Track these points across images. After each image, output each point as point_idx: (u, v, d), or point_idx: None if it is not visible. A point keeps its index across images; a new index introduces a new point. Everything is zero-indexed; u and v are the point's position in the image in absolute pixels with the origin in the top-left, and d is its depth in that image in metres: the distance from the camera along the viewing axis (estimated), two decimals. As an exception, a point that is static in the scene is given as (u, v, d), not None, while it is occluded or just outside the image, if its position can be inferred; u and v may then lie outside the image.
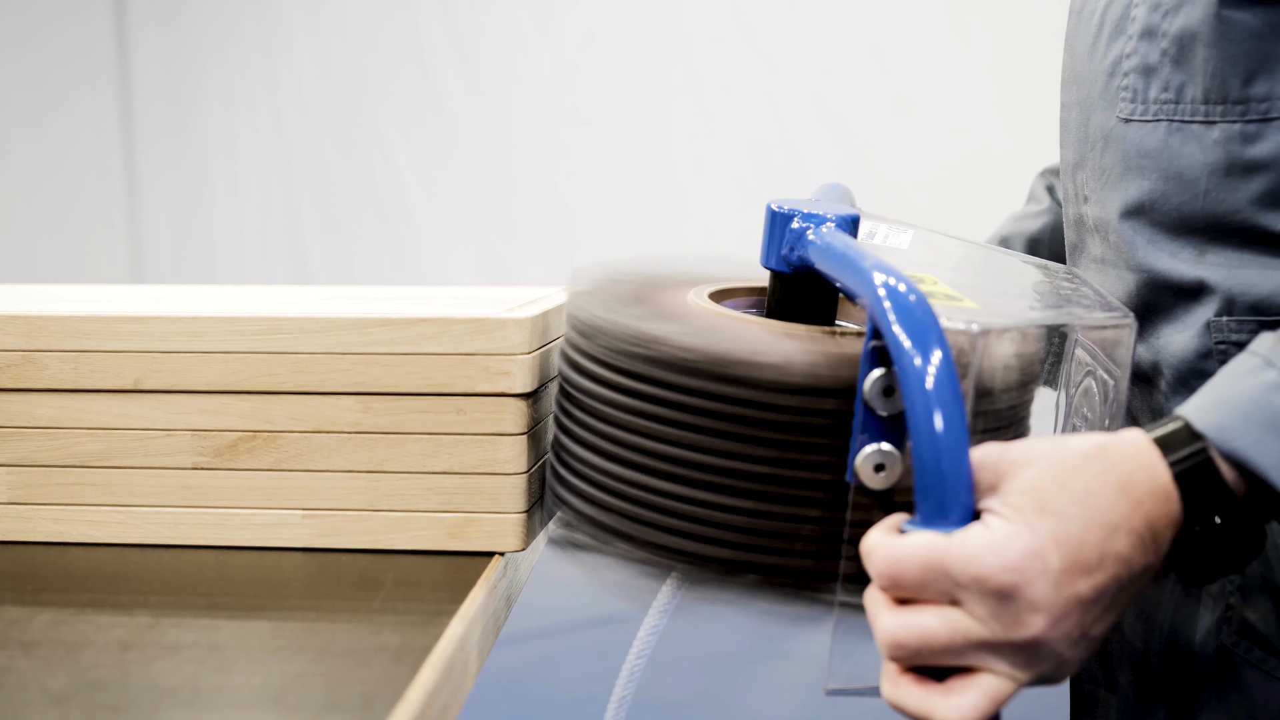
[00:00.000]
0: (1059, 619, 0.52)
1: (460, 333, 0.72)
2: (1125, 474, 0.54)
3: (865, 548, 0.55)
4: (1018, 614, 0.51)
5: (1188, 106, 0.70)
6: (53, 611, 0.67)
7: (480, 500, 0.73)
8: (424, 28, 4.14)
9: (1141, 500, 0.53)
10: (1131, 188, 0.73)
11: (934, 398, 0.53)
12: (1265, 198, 0.68)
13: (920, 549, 0.52)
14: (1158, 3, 0.71)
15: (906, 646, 0.53)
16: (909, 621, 0.53)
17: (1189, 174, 0.70)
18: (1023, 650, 0.52)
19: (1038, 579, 0.51)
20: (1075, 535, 0.52)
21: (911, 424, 0.54)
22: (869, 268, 0.59)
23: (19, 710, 0.54)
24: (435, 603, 0.66)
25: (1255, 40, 0.66)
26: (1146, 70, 0.72)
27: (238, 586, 0.71)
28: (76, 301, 0.84)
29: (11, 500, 0.76)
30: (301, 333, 0.73)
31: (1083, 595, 0.52)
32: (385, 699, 0.54)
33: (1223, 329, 0.69)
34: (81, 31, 4.59)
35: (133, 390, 0.75)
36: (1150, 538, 0.53)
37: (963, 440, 0.54)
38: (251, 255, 4.47)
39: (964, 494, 0.53)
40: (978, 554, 0.51)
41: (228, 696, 0.56)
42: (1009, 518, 0.52)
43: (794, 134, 3.66)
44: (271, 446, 0.74)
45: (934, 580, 0.52)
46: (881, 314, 0.56)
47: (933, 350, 0.54)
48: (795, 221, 0.70)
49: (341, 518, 0.74)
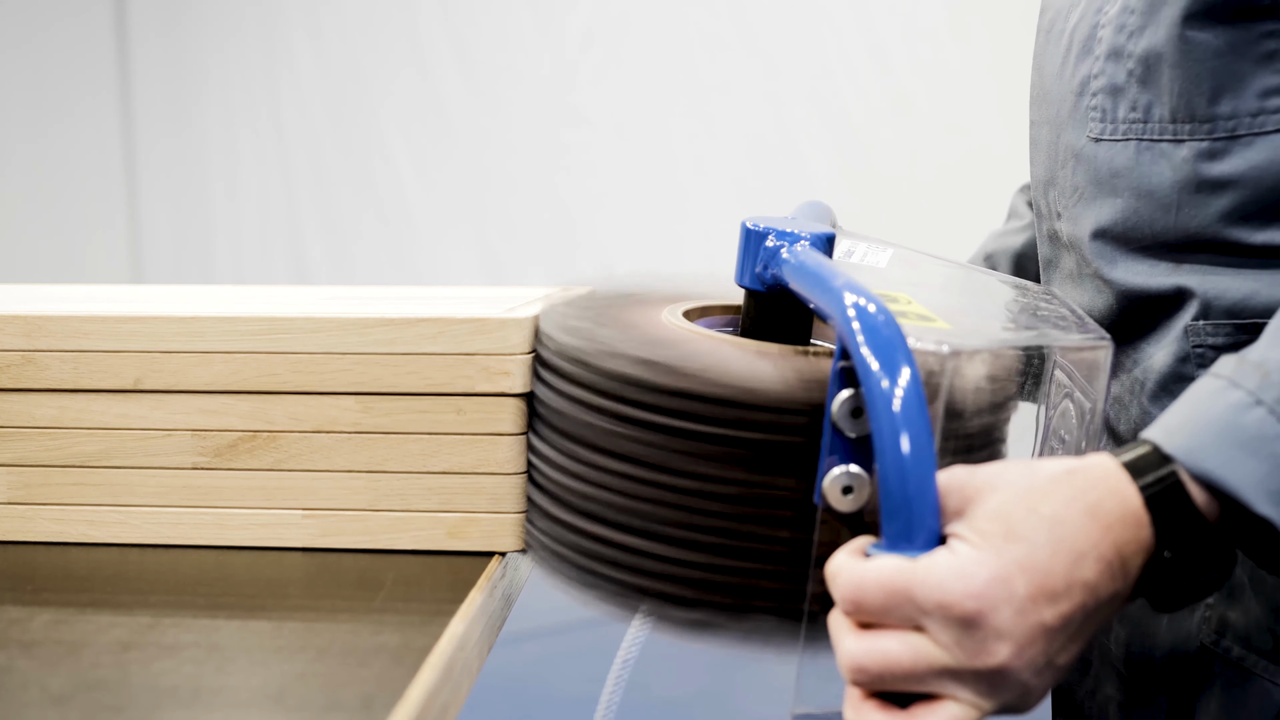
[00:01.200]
0: (1024, 647, 0.51)
1: (460, 333, 0.72)
2: (1094, 499, 0.53)
3: (830, 570, 0.54)
4: (982, 642, 0.50)
5: (1156, 125, 0.71)
6: (53, 611, 0.67)
7: (480, 500, 0.73)
8: (424, 28, 4.13)
9: (1111, 526, 0.52)
10: (1104, 206, 0.73)
11: (901, 420, 0.53)
12: (1234, 213, 0.68)
13: (884, 574, 0.52)
14: (1122, 24, 0.72)
15: (869, 671, 0.52)
16: (872, 646, 0.52)
17: (1159, 191, 0.70)
18: (986, 678, 0.51)
19: (1003, 606, 0.50)
20: (1042, 562, 0.51)
21: (878, 446, 0.53)
22: (839, 286, 0.58)
23: (19, 710, 0.54)
24: (435, 603, 0.66)
25: (1218, 59, 0.67)
26: (1114, 90, 0.72)
27: (238, 586, 0.71)
28: (76, 301, 0.84)
29: (11, 500, 0.76)
30: (301, 333, 0.73)
31: (1048, 623, 0.51)
32: (385, 699, 0.54)
33: (1200, 333, 0.70)
34: (81, 31, 4.59)
35: (133, 390, 0.75)
36: (1119, 565, 0.52)
37: (929, 463, 0.53)
38: (252, 255, 4.47)
39: (929, 518, 0.53)
40: (943, 580, 0.50)
41: (228, 696, 0.56)
42: (975, 543, 0.51)
43: (794, 134, 3.66)
44: (271, 446, 0.74)
45: (898, 606, 0.51)
46: (850, 334, 0.55)
47: (900, 371, 0.53)
48: (770, 239, 0.70)
49: (341, 518, 0.74)
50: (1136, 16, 0.71)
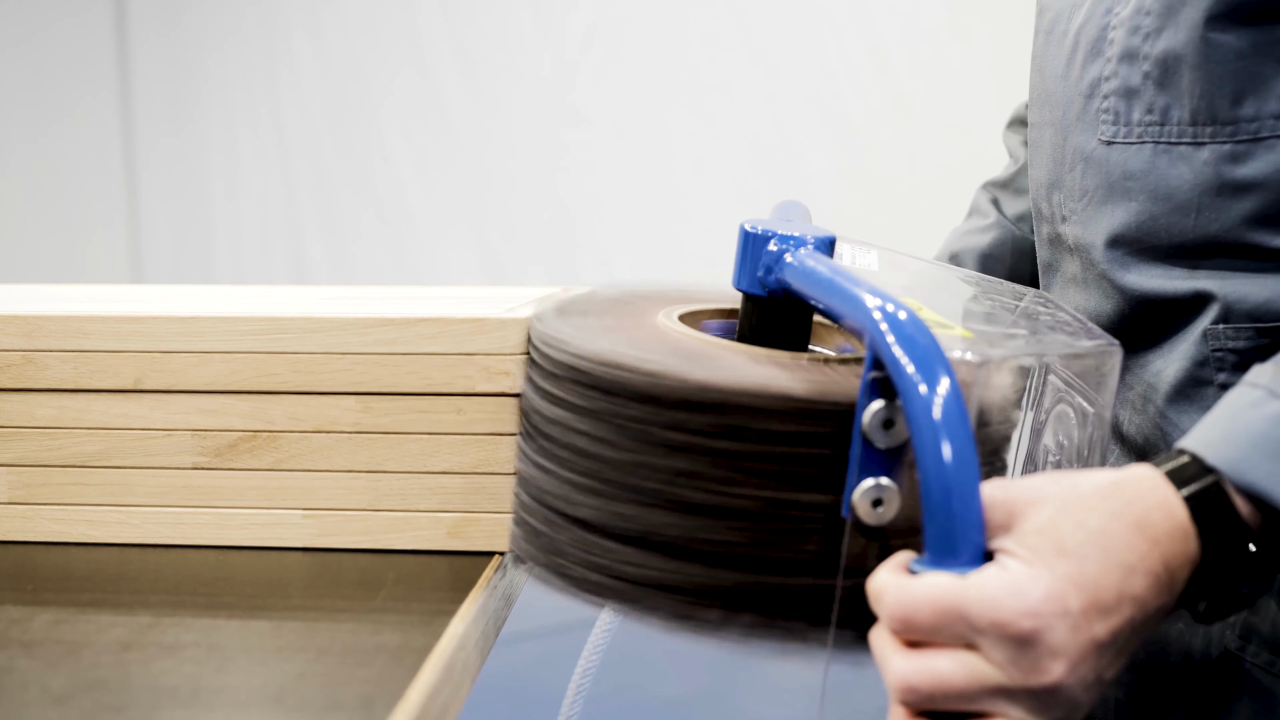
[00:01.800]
0: (1077, 664, 0.50)
1: (460, 333, 0.72)
2: (1141, 512, 0.52)
3: (875, 588, 0.53)
4: (1037, 660, 0.49)
5: (1174, 128, 0.70)
6: (53, 611, 0.67)
7: (480, 500, 0.73)
8: (424, 28, 4.13)
9: (1159, 540, 0.52)
10: (1118, 210, 0.73)
11: (945, 432, 0.51)
12: (1256, 216, 0.68)
13: (935, 591, 0.50)
14: (1137, 25, 0.71)
15: (920, 691, 0.51)
16: (923, 665, 0.51)
17: (1179, 195, 0.70)
18: (1040, 696, 0.50)
19: (1058, 624, 0.49)
20: (1093, 577, 0.50)
21: (921, 459, 0.52)
22: (866, 294, 0.57)
23: (19, 710, 0.54)
24: (435, 603, 0.66)
25: (1241, 61, 0.67)
26: (1128, 93, 0.72)
27: (238, 586, 0.71)
28: (76, 301, 0.84)
29: (11, 500, 0.76)
30: (301, 333, 0.73)
31: (1100, 639, 0.50)
32: (385, 699, 0.54)
33: (1220, 336, 0.70)
34: (81, 31, 4.58)
35: (133, 390, 0.75)
36: (1166, 578, 0.52)
37: (974, 477, 0.52)
38: (252, 255, 4.46)
39: (975, 533, 0.52)
40: (996, 597, 0.49)
41: (228, 696, 0.56)
42: (1026, 559, 0.50)
43: (794, 134, 3.66)
44: (271, 446, 0.74)
45: (949, 624, 0.50)
46: (884, 345, 0.54)
47: (940, 381, 0.52)
48: (772, 243, 0.67)
49: (341, 518, 0.74)
50: (1153, 18, 0.70)
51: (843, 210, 3.39)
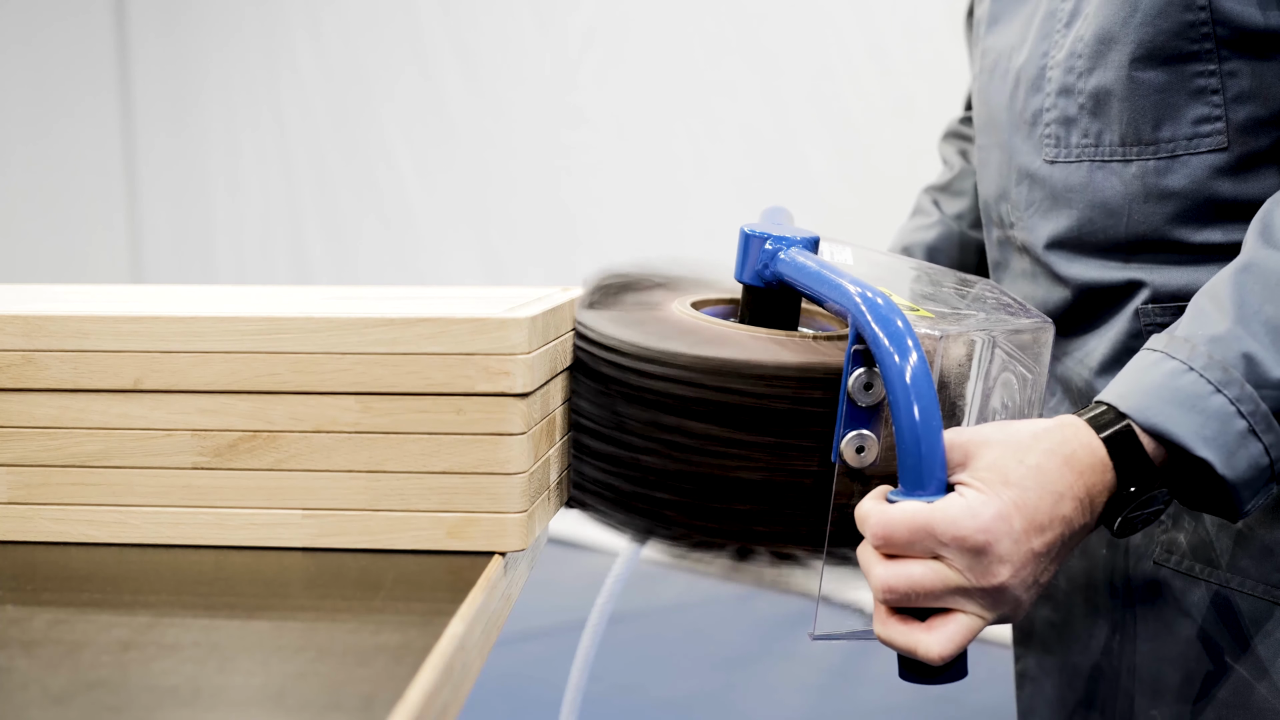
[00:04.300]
0: (1019, 569, 0.65)
1: (460, 333, 0.72)
2: (1069, 451, 0.68)
3: (860, 513, 0.67)
4: (989, 565, 0.64)
5: (1106, 149, 0.84)
6: (53, 611, 0.67)
7: (480, 500, 0.73)
8: (425, 29, 4.14)
9: (1083, 472, 0.67)
10: (1060, 217, 0.87)
11: (913, 391, 0.66)
12: (1179, 216, 0.83)
13: (909, 514, 0.65)
14: (1071, 66, 0.85)
15: (897, 591, 0.65)
16: (900, 571, 0.65)
17: (1112, 203, 0.85)
18: (990, 594, 0.65)
19: (1004, 538, 0.64)
20: (1031, 501, 0.65)
21: (896, 414, 0.66)
22: (849, 284, 0.71)
23: (19, 710, 0.54)
24: (435, 603, 0.66)
25: (1160, 94, 0.82)
26: (1066, 121, 0.86)
27: (238, 586, 0.71)
28: (76, 301, 0.84)
29: (11, 500, 0.76)
30: (301, 333, 0.73)
31: (1037, 550, 0.65)
32: (385, 699, 0.54)
33: (1150, 314, 0.84)
34: (81, 31, 4.59)
35: (133, 390, 0.75)
36: (1088, 502, 0.68)
37: (938, 426, 0.66)
38: (252, 255, 4.47)
39: (939, 470, 0.66)
40: (957, 518, 0.64)
41: (228, 696, 0.56)
42: (979, 489, 0.65)
43: (794, 134, 3.66)
44: (271, 446, 0.74)
45: (920, 539, 0.65)
46: (865, 324, 0.69)
47: (910, 353, 0.67)
48: (768, 243, 0.81)
49: (341, 518, 0.74)
50: (1084, 60, 0.84)
51: (843, 210, 3.39)
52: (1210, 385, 0.69)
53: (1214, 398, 0.69)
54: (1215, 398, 0.69)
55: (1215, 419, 0.69)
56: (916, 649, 0.65)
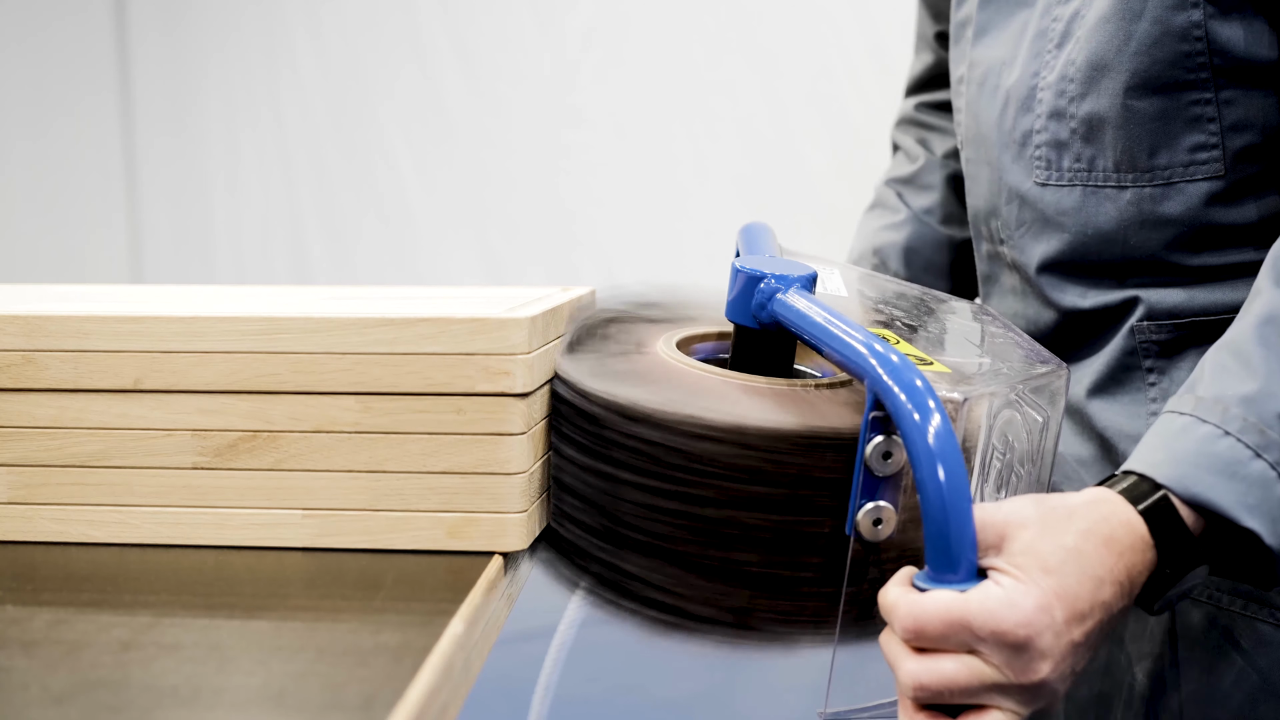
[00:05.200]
0: (1059, 663, 0.60)
1: (460, 333, 0.72)
2: (1108, 531, 0.62)
3: (887, 602, 0.62)
4: (1029, 662, 0.59)
5: (1100, 174, 0.83)
6: (53, 611, 0.67)
7: (480, 500, 0.73)
8: (425, 28, 4.13)
9: (1123, 553, 0.62)
10: (1051, 239, 0.86)
11: (943, 466, 0.60)
12: (1175, 242, 0.82)
13: (943, 606, 0.59)
14: (1062, 90, 0.83)
15: (929, 688, 0.60)
16: (932, 668, 0.60)
17: (1106, 228, 0.83)
18: (1029, 690, 0.59)
19: (1045, 631, 0.59)
20: (1072, 589, 0.60)
21: (923, 491, 0.60)
22: (862, 345, 0.65)
23: (19, 710, 0.54)
24: (435, 603, 0.66)
25: (1155, 122, 0.80)
26: (1058, 144, 0.84)
27: (238, 586, 0.71)
28: (76, 301, 0.84)
29: (11, 500, 0.76)
30: (301, 333, 0.73)
31: (1077, 641, 0.60)
32: (385, 699, 0.54)
33: (1145, 331, 0.83)
34: (81, 31, 4.58)
35: (133, 390, 0.75)
36: (1129, 584, 0.63)
37: (968, 504, 0.60)
38: (252, 255, 4.46)
39: (970, 552, 0.60)
40: (995, 610, 0.59)
41: (228, 696, 0.56)
42: (1018, 577, 0.60)
43: (794, 134, 3.66)
44: (271, 446, 0.74)
45: (955, 634, 0.59)
46: (887, 390, 0.62)
47: (934, 419, 0.61)
48: (763, 283, 0.75)
49: (341, 518, 0.74)
50: (1076, 85, 0.82)
51: (842, 210, 3.38)
52: (1249, 450, 0.65)
53: (1254, 463, 0.65)
54: (1255, 463, 0.65)
55: (1257, 486, 0.65)
56: None
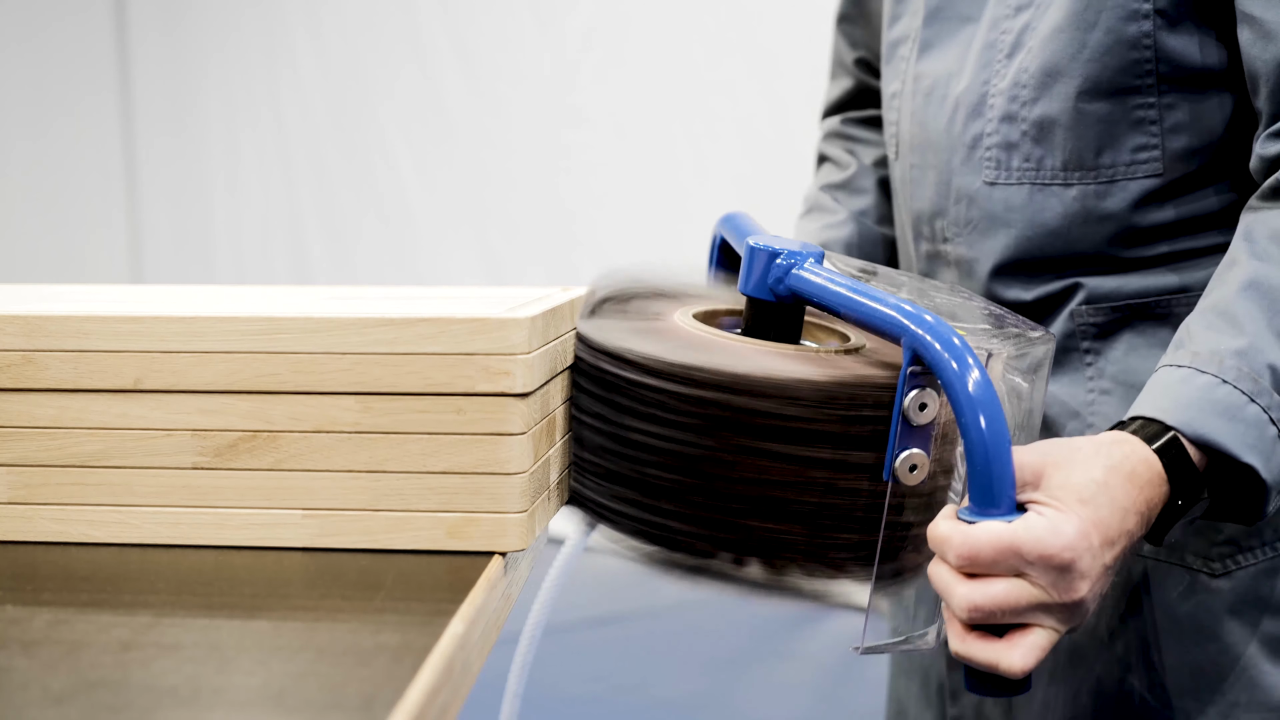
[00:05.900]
0: (1095, 583, 0.67)
1: (460, 333, 0.72)
2: (1130, 467, 0.70)
3: (939, 534, 0.68)
4: (1071, 581, 0.66)
5: (1048, 173, 0.89)
6: (53, 611, 0.67)
7: (480, 500, 0.73)
8: (425, 28, 4.13)
9: (1143, 486, 0.70)
10: (1000, 236, 0.92)
11: (983, 411, 0.66)
12: (1114, 237, 0.89)
13: (994, 534, 0.66)
14: (1015, 94, 0.90)
15: (983, 609, 0.66)
16: (985, 590, 0.66)
17: (1052, 223, 0.90)
18: (1070, 609, 0.67)
19: (1085, 554, 0.66)
20: (1105, 518, 0.68)
21: (966, 434, 0.67)
22: (893, 308, 0.71)
23: (19, 710, 0.54)
24: (435, 603, 0.66)
25: (1104, 123, 0.87)
26: (1008, 145, 0.91)
27: (238, 586, 0.71)
28: (76, 301, 0.84)
29: (11, 500, 0.76)
30: (301, 333, 0.73)
31: (1109, 564, 0.68)
32: (385, 699, 0.54)
33: (1084, 314, 0.90)
34: (81, 31, 4.59)
35: (133, 390, 0.75)
36: (1147, 514, 0.71)
37: (1009, 446, 0.67)
38: (252, 255, 4.46)
39: (1009, 488, 0.67)
40: (1042, 537, 0.66)
41: (228, 696, 0.56)
42: (1058, 507, 0.67)
43: (794, 134, 3.66)
44: (271, 446, 0.74)
45: (1006, 559, 0.66)
46: (927, 345, 0.68)
47: (975, 373, 0.67)
48: (780, 259, 0.80)
49: (341, 518, 0.74)
50: (1029, 90, 0.89)
51: (843, 210, 3.39)
52: (1245, 396, 0.74)
53: (1249, 407, 0.74)
54: (1250, 407, 0.74)
55: (1254, 427, 0.73)
56: (999, 664, 0.67)
